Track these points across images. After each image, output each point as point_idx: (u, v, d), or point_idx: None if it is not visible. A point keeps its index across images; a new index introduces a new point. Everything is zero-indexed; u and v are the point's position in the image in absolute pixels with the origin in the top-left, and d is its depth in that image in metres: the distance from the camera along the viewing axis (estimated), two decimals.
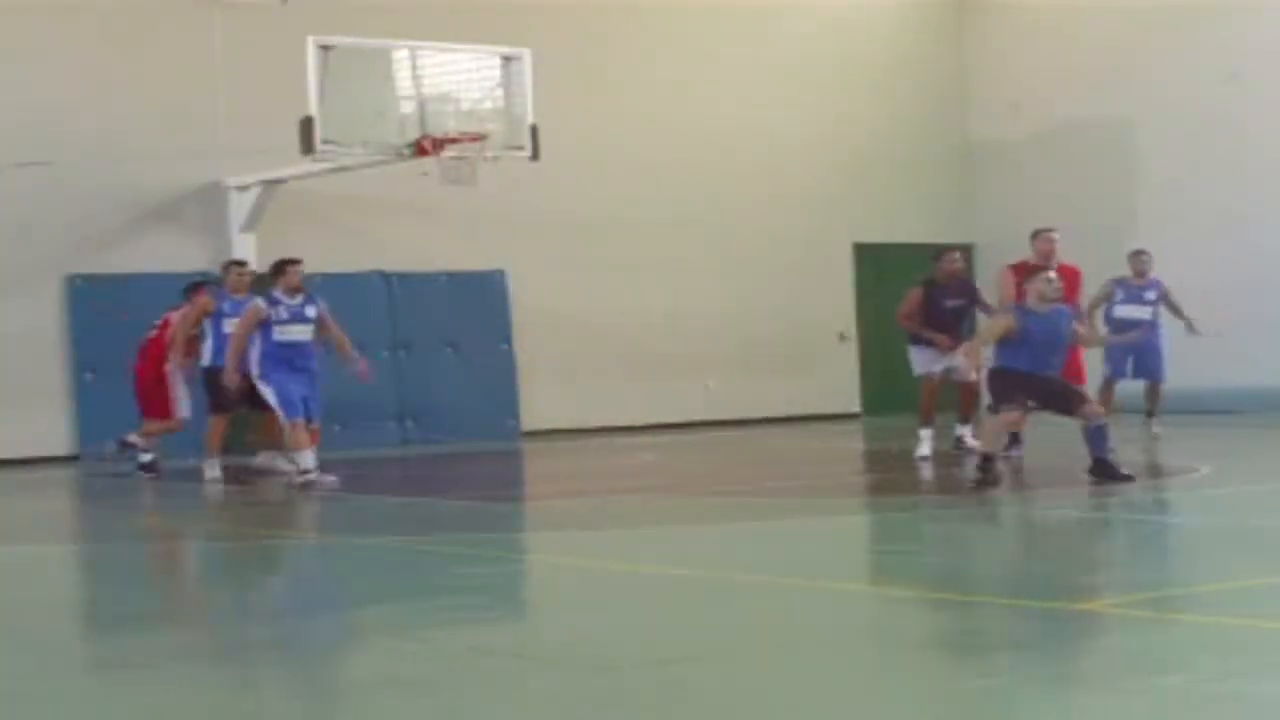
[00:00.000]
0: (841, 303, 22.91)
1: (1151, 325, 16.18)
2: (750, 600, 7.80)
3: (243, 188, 18.66)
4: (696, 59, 22.00)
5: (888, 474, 14.77)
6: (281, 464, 14.63)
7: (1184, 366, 21.07)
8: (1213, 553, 9.13)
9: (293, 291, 14.04)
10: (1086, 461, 11.76)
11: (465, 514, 12.47)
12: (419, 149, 16.53)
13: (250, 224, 18.59)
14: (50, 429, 18.07)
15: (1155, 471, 13.28)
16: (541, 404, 20.42)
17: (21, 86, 18.10)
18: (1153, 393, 16.53)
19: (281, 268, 14.14)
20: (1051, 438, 14.46)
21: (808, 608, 7.45)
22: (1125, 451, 12.71)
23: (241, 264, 15.70)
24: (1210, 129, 21.29)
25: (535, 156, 17.19)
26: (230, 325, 14.65)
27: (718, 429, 18.07)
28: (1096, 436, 11.73)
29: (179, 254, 18.60)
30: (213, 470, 14.66)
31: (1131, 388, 16.99)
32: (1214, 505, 11.65)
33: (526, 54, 17.17)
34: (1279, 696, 5.32)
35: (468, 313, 20.19)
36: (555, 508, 12.95)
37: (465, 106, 16.97)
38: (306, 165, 17.14)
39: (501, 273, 20.36)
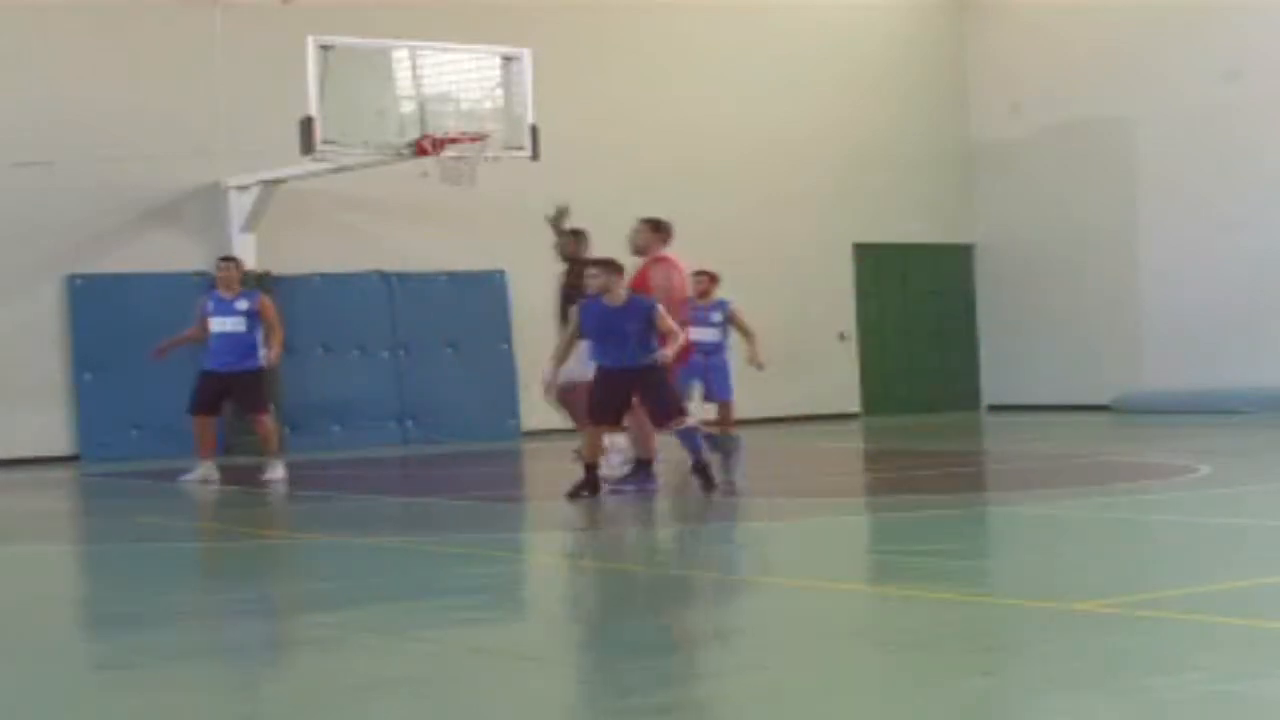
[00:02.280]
0: (841, 303, 22.91)
1: (717, 346, 15.89)
2: (749, 600, 7.79)
3: (242, 188, 18.66)
4: (696, 59, 22.01)
5: (887, 474, 14.77)
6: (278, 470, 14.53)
7: (1184, 366, 21.13)
8: (1213, 553, 9.13)
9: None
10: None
11: (465, 514, 12.47)
12: (419, 149, 16.54)
13: (250, 224, 18.60)
14: (50, 429, 18.08)
15: (1155, 471, 13.27)
16: (541, 404, 20.38)
17: (21, 86, 18.12)
18: (724, 412, 16.12)
19: None
20: (1065, 437, 14.46)
21: (807, 607, 7.45)
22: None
23: (229, 260, 15.37)
24: (1210, 129, 21.29)
25: (535, 156, 17.20)
26: (218, 324, 14.64)
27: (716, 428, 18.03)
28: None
29: (179, 254, 18.61)
30: (209, 471, 14.66)
31: None
32: (1214, 505, 11.65)
33: (526, 54, 17.18)
34: (1279, 696, 5.32)
35: (468, 313, 20.19)
36: (555, 508, 12.94)
37: (465, 106, 16.98)
38: (306, 165, 17.14)
39: (501, 273, 20.36)
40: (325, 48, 16.14)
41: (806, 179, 22.61)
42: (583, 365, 12.78)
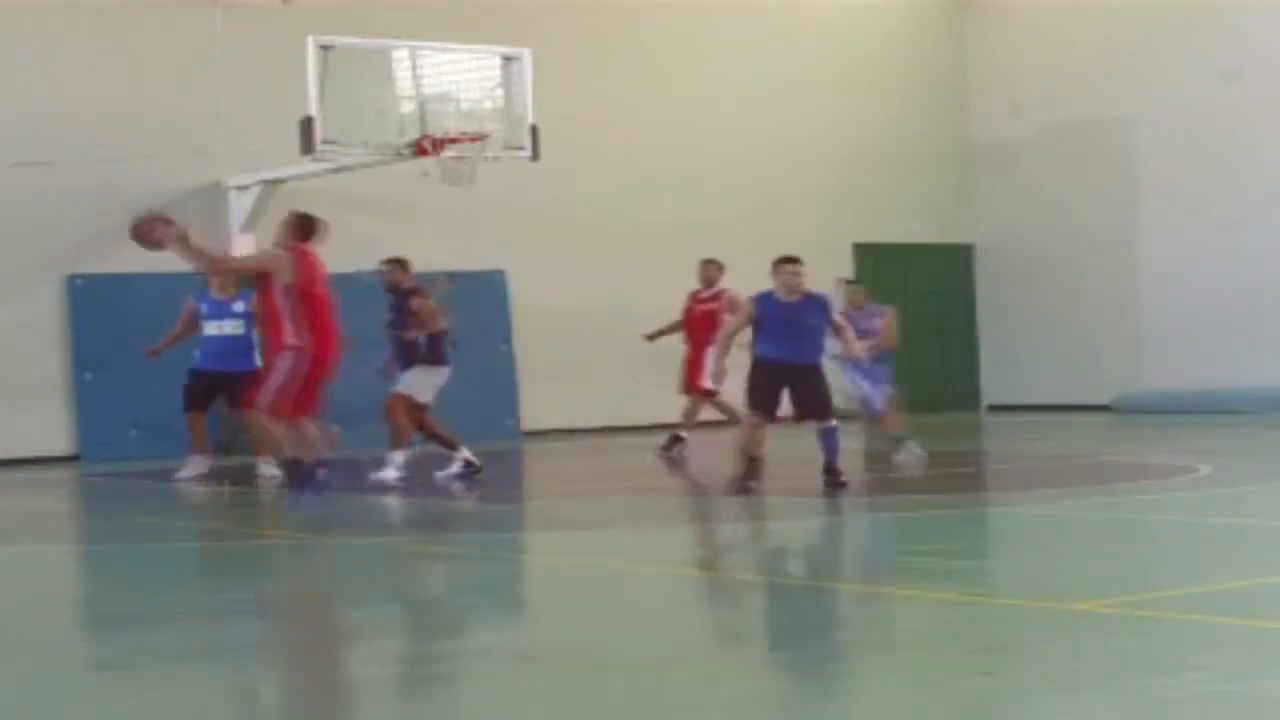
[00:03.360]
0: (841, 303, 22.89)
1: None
2: (750, 599, 7.79)
3: (243, 188, 18.65)
4: (696, 59, 22.00)
5: (887, 474, 14.76)
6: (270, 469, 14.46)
7: (1184, 366, 21.13)
8: (1213, 553, 9.13)
9: None
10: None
11: (465, 514, 12.47)
12: (419, 149, 16.54)
13: (250, 224, 18.58)
14: (50, 429, 18.07)
15: (1155, 471, 13.27)
16: (541, 404, 20.42)
17: (21, 86, 18.11)
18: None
19: None
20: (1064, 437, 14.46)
21: (807, 607, 7.45)
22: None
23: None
24: (1210, 129, 21.29)
25: (535, 156, 17.20)
26: (212, 327, 14.76)
27: (718, 429, 18.04)
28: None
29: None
30: (198, 468, 14.70)
31: None
32: (1214, 505, 11.65)
33: (526, 54, 17.18)
34: (1279, 696, 5.32)
35: (468, 313, 20.16)
36: (555, 508, 12.95)
37: (465, 106, 16.98)
38: (306, 165, 17.14)
39: (501, 273, 20.36)
40: (325, 48, 16.13)
41: (806, 179, 22.60)
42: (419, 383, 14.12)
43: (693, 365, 16.45)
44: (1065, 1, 22.96)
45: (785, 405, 12.37)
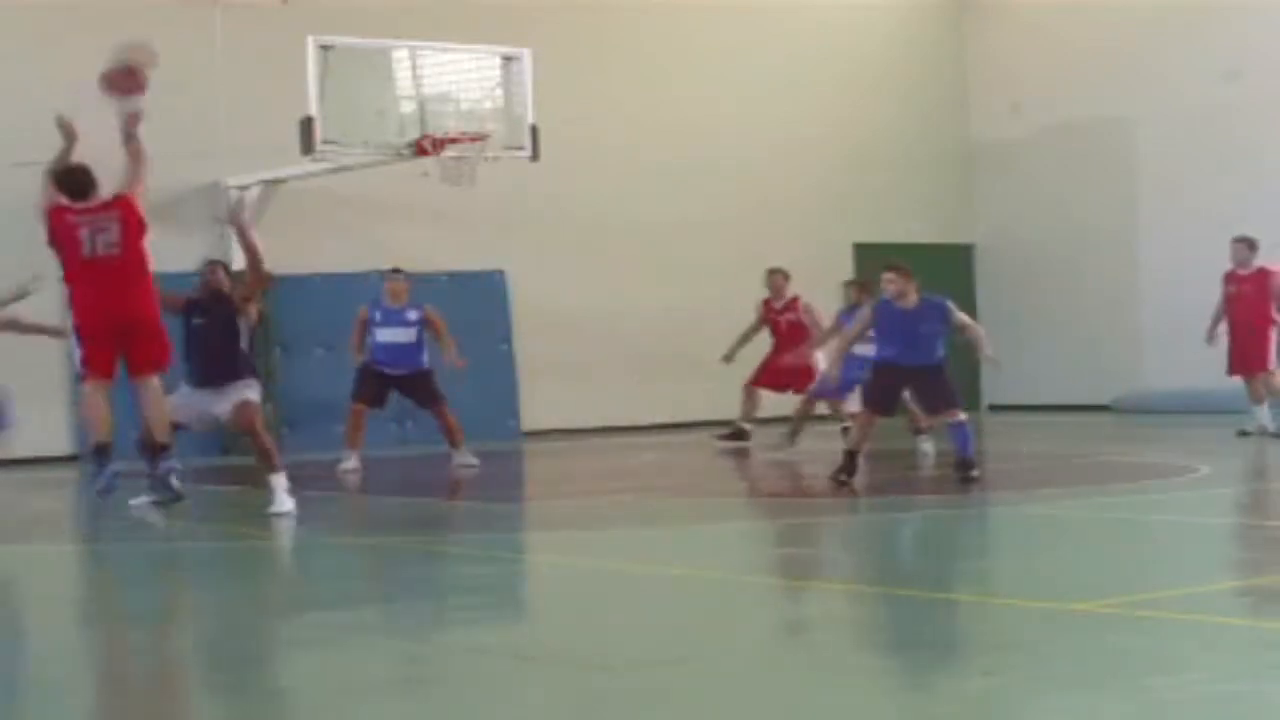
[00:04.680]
0: (841, 303, 22.88)
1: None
2: (749, 600, 7.79)
3: (243, 188, 18.65)
4: (697, 59, 22.00)
5: (886, 474, 14.76)
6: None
7: (1184, 367, 21.11)
8: (1213, 553, 9.13)
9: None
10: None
11: (465, 514, 12.47)
12: (419, 149, 16.54)
13: (250, 224, 18.57)
14: (50, 429, 18.06)
15: (1155, 471, 13.28)
16: (541, 404, 20.41)
17: (22, 86, 18.10)
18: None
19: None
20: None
21: (807, 607, 7.45)
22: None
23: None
24: (1210, 129, 21.28)
25: (535, 156, 17.20)
26: (385, 334, 15.42)
27: (718, 429, 18.05)
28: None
29: (179, 254, 18.56)
30: (352, 462, 15.11)
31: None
32: (1214, 505, 11.65)
33: (526, 54, 17.18)
34: (1279, 696, 5.32)
35: (468, 313, 20.17)
36: (555, 508, 12.95)
37: (465, 106, 16.98)
38: (306, 165, 17.13)
39: (501, 273, 20.36)
40: (325, 48, 16.13)
41: (806, 179, 22.60)
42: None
43: (780, 367, 16.92)
44: (1065, 1, 22.96)
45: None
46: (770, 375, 17.00)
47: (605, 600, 7.90)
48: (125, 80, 11.63)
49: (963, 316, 12.71)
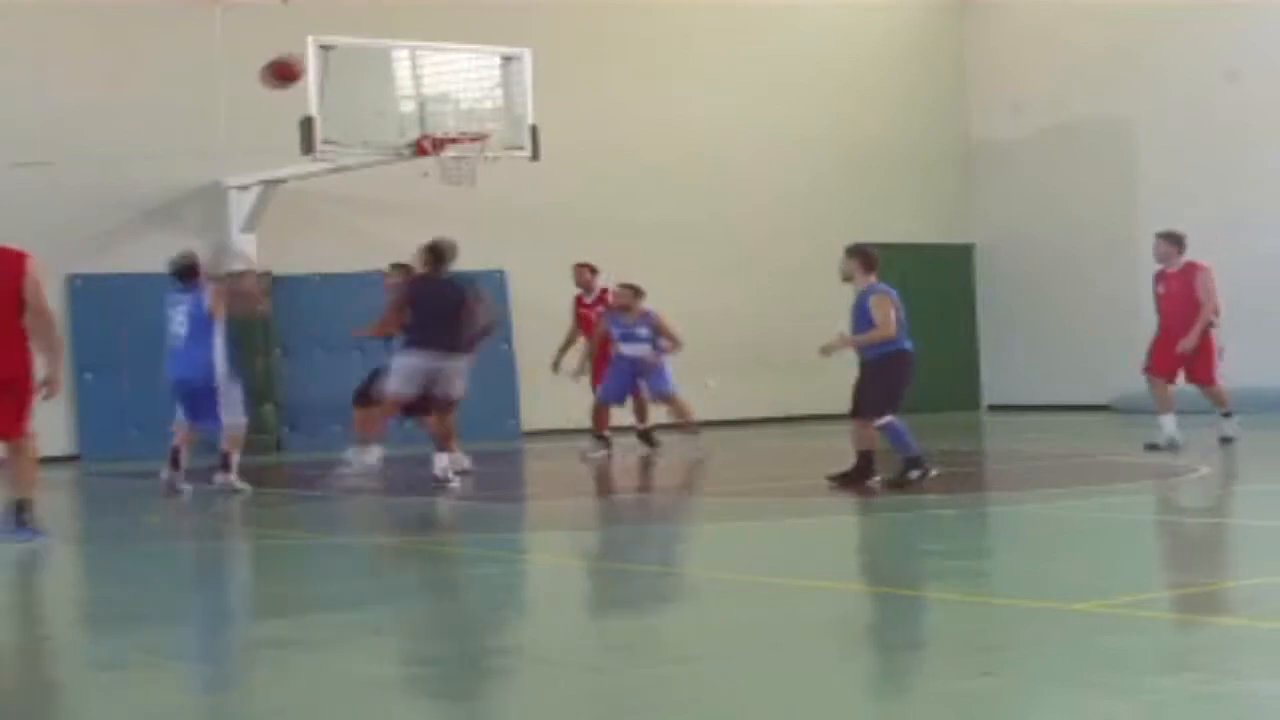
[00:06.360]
0: (841, 303, 22.85)
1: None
2: (749, 600, 7.79)
3: (243, 188, 18.65)
4: (696, 59, 22.00)
5: (887, 474, 14.76)
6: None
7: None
8: (1213, 553, 9.13)
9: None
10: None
11: (465, 514, 12.46)
12: (419, 149, 16.54)
13: (250, 224, 18.59)
14: (50, 429, 18.01)
15: (1155, 471, 13.28)
16: (541, 404, 20.40)
17: (22, 87, 18.11)
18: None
19: None
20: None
21: (807, 608, 7.45)
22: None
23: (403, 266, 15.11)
24: (1210, 129, 21.28)
25: (535, 156, 17.21)
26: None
27: (718, 429, 18.06)
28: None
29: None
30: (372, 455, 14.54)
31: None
32: (1214, 505, 11.65)
33: (526, 54, 17.18)
34: (1279, 696, 5.32)
35: None
36: (555, 508, 12.94)
37: (465, 106, 16.98)
38: (306, 165, 17.13)
39: (501, 273, 20.36)
40: (325, 48, 16.13)
41: (806, 179, 22.60)
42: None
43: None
44: (1065, 1, 22.96)
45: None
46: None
47: (605, 600, 7.90)
48: (283, 71, 12.14)
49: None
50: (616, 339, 16.42)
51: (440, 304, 13.47)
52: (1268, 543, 9.34)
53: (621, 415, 17.20)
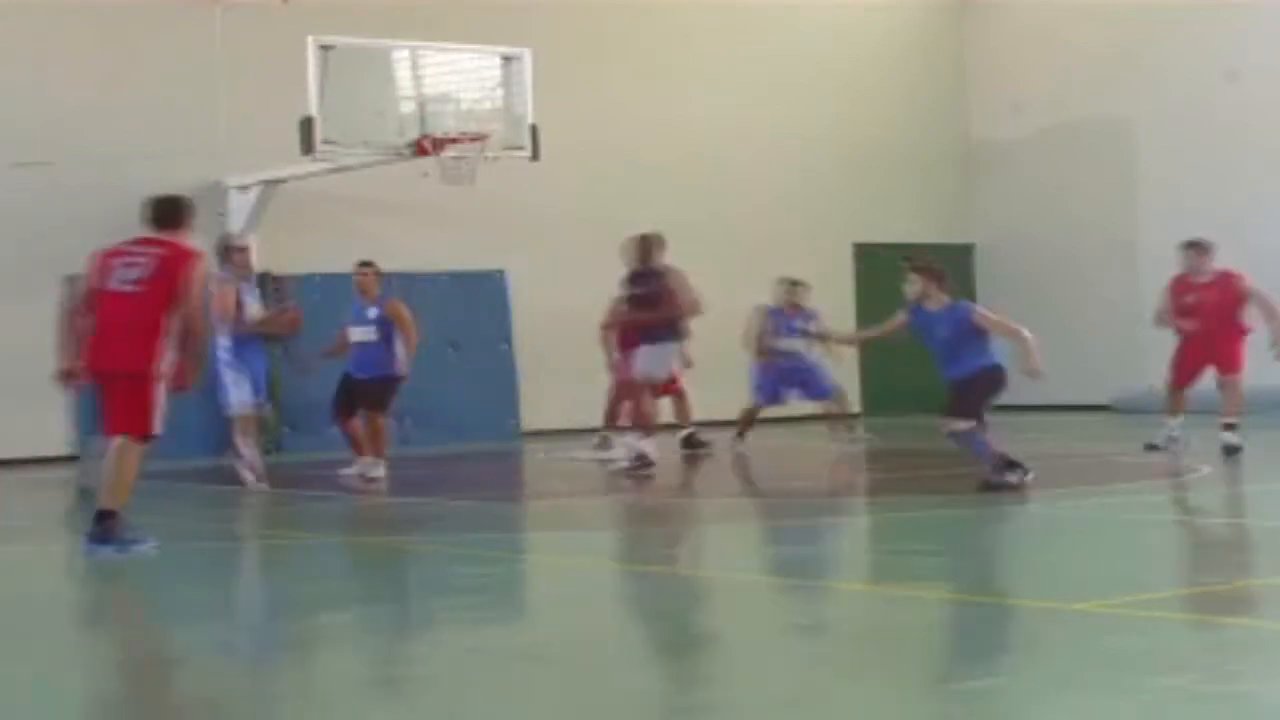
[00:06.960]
0: (841, 303, 22.89)
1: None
2: (749, 599, 7.79)
3: (243, 188, 18.65)
4: (696, 59, 22.00)
5: (888, 474, 14.79)
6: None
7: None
8: (1213, 553, 9.13)
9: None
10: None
11: (465, 514, 12.47)
12: (419, 149, 16.54)
13: (250, 224, 18.58)
14: (50, 429, 18.06)
15: (1155, 471, 13.28)
16: (541, 404, 20.40)
17: (22, 87, 18.11)
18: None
19: None
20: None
21: (807, 607, 7.45)
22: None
23: (368, 264, 15.22)
24: (1210, 129, 21.28)
25: (535, 156, 17.21)
26: (359, 334, 15.30)
27: (718, 429, 18.06)
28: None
29: None
30: (374, 468, 14.60)
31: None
32: (1214, 505, 11.65)
33: (526, 54, 17.18)
34: (1279, 696, 5.32)
35: (468, 313, 20.18)
36: (555, 508, 12.95)
37: (465, 106, 16.98)
38: (306, 165, 17.13)
39: (501, 273, 20.36)
40: (325, 48, 16.13)
41: (806, 179, 22.60)
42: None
43: None
44: (1065, 1, 22.95)
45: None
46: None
47: (605, 600, 7.90)
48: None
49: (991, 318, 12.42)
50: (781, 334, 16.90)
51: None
52: (1268, 542, 9.35)
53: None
